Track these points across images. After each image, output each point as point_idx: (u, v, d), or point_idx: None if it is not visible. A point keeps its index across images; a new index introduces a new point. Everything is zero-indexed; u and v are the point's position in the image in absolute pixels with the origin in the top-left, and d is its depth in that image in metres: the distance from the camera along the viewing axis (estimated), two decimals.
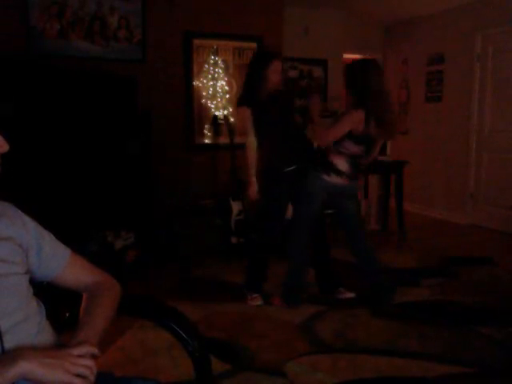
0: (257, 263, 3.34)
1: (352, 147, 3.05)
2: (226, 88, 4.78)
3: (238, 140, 4.76)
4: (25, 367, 0.88)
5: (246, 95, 3.20)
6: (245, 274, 3.40)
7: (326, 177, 3.07)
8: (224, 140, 4.81)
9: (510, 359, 2.47)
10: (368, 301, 3.22)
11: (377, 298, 3.24)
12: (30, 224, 1.13)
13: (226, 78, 4.80)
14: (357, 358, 2.50)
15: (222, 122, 4.75)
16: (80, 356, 0.96)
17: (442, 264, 4.08)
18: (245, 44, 5.01)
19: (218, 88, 4.72)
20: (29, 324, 1.03)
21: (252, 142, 3.20)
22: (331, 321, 2.97)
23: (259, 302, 3.24)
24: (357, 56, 7.35)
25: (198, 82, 4.82)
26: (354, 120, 2.95)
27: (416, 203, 6.24)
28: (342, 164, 3.08)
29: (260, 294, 3.29)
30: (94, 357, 0.99)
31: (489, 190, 5.38)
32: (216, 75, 4.71)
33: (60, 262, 1.17)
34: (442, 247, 4.66)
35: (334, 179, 3.08)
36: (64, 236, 1.27)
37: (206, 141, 4.90)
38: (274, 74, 3.09)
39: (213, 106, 4.79)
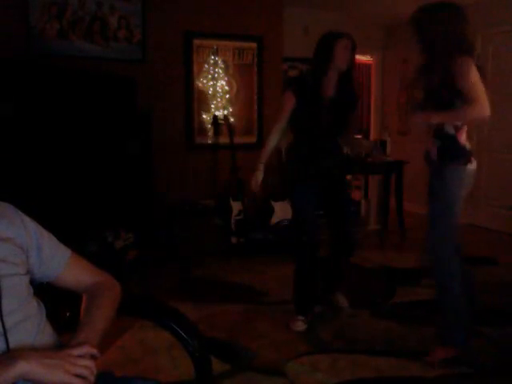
0: (300, 277, 2.92)
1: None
2: (226, 88, 4.79)
3: (237, 140, 4.78)
4: (24, 368, 0.88)
5: (302, 79, 3.04)
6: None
7: (469, 166, 2.35)
8: (224, 140, 4.81)
9: (510, 359, 2.47)
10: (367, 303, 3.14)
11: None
12: (30, 224, 1.13)
13: (226, 78, 4.80)
14: (357, 358, 2.50)
15: (222, 122, 4.75)
16: (80, 356, 0.96)
17: None
18: (245, 44, 5.01)
19: (217, 88, 4.73)
20: (29, 324, 1.03)
21: (279, 128, 2.84)
22: (331, 321, 2.97)
23: (300, 328, 2.83)
24: (357, 56, 7.37)
25: (197, 82, 4.82)
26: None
27: (416, 203, 6.24)
28: (466, 140, 2.38)
29: (305, 317, 2.87)
30: (93, 357, 0.99)
31: (489, 190, 5.38)
32: (216, 75, 4.71)
33: (60, 263, 1.17)
34: None
35: (473, 165, 2.38)
36: (64, 236, 1.27)
37: (206, 141, 4.90)
38: (343, 50, 2.71)
39: (213, 105, 4.80)
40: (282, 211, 4.61)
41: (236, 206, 4.47)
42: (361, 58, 7.41)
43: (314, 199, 2.87)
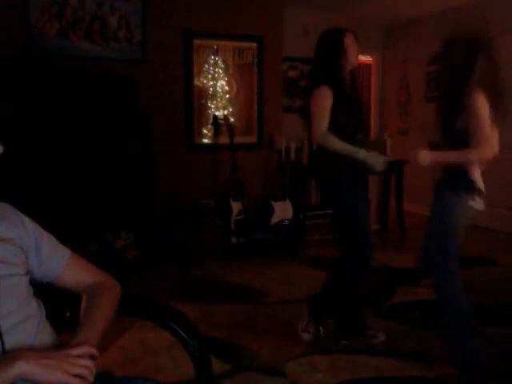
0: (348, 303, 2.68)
1: None
2: (226, 88, 4.79)
3: (237, 140, 4.78)
4: (23, 368, 0.88)
5: (325, 72, 2.53)
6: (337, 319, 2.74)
7: (471, 202, 2.28)
8: (224, 140, 4.81)
9: (509, 359, 2.47)
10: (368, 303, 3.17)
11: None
12: (30, 225, 1.13)
13: (226, 78, 4.80)
14: (357, 358, 2.50)
15: (222, 122, 4.75)
16: (79, 356, 0.96)
17: None
18: (245, 44, 5.01)
19: (218, 88, 4.73)
20: (28, 324, 1.03)
21: (326, 128, 2.47)
22: (331, 321, 2.97)
23: (306, 338, 2.69)
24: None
25: (197, 82, 4.82)
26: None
27: (416, 203, 6.24)
28: (479, 178, 2.33)
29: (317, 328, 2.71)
30: (93, 357, 0.99)
31: (489, 190, 5.37)
32: (216, 75, 4.71)
33: (59, 263, 1.17)
34: None
35: (479, 205, 2.31)
36: (64, 236, 1.27)
37: (206, 141, 4.90)
38: (353, 45, 2.55)
39: (213, 105, 4.80)
40: (281, 211, 4.61)
41: (236, 206, 4.47)
42: (361, 57, 7.41)
43: (367, 209, 2.61)
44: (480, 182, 2.32)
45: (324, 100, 2.47)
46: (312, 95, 2.54)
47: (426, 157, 2.30)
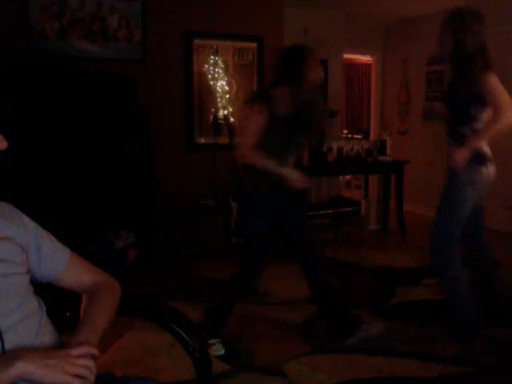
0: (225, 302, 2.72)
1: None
2: (226, 88, 4.78)
3: (237, 140, 4.77)
4: (23, 368, 0.87)
5: (282, 86, 2.52)
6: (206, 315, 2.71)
7: (484, 169, 2.41)
8: (224, 140, 4.81)
9: (510, 359, 2.47)
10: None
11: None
12: (30, 224, 1.13)
13: (226, 78, 4.80)
14: (357, 358, 2.50)
15: (222, 122, 4.75)
16: (79, 356, 0.96)
17: None
18: (245, 44, 5.01)
19: (218, 88, 4.73)
20: (29, 323, 1.02)
21: (253, 143, 2.44)
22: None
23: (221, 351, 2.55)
24: (357, 56, 7.37)
25: (197, 82, 4.82)
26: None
27: (416, 203, 6.24)
28: (486, 145, 2.41)
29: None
30: (93, 357, 0.99)
31: (489, 190, 5.37)
32: (216, 75, 4.71)
33: (59, 263, 1.17)
34: None
35: (492, 169, 2.44)
36: (64, 236, 1.27)
37: (206, 141, 4.90)
38: (316, 67, 2.59)
39: (212, 105, 4.79)
40: None
41: (236, 206, 4.47)
42: (361, 57, 7.41)
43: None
44: (486, 148, 2.40)
45: (258, 118, 2.44)
46: (250, 109, 2.52)
47: (462, 154, 2.32)
